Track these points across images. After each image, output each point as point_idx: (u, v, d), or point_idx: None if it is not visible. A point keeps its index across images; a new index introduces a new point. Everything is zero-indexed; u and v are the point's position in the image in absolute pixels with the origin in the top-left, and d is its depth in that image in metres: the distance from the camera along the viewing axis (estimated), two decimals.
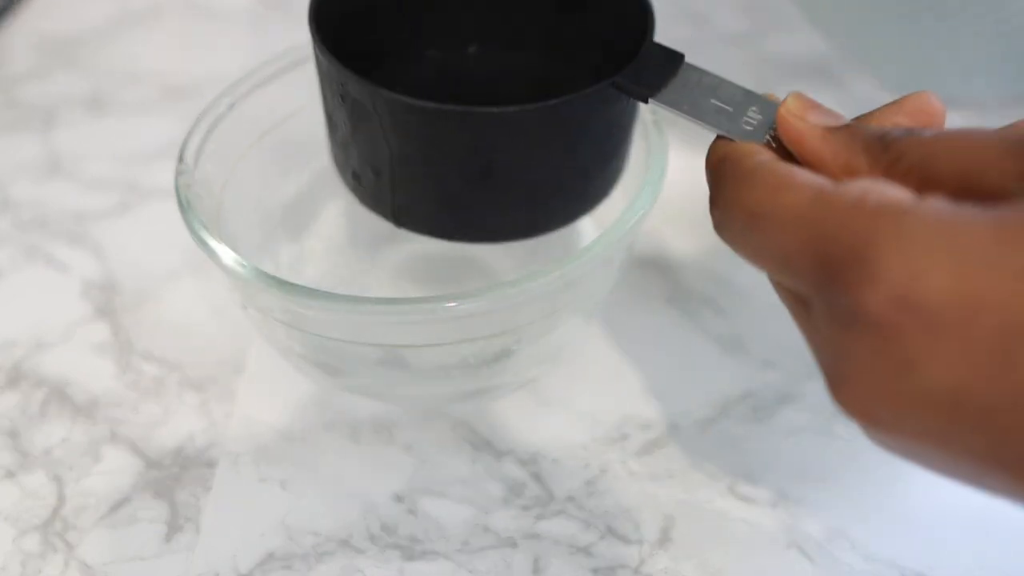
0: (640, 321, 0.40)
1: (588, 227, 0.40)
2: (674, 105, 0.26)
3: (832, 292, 0.19)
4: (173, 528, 0.33)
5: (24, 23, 0.60)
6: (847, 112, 0.23)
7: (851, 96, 0.50)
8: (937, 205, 0.19)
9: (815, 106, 0.23)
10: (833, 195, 0.20)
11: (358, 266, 0.40)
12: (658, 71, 0.27)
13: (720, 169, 0.24)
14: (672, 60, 0.27)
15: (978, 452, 0.18)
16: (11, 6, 0.61)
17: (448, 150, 0.28)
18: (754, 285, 0.41)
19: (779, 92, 0.24)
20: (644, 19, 0.29)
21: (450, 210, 0.29)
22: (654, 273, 0.41)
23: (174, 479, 0.35)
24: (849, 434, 0.35)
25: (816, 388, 0.37)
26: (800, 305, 0.22)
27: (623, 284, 0.41)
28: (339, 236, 0.41)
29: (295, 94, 0.38)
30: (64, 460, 0.36)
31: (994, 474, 0.18)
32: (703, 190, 0.25)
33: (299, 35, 0.38)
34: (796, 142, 0.23)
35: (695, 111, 0.26)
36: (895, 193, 0.19)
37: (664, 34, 0.31)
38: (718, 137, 0.25)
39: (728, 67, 0.51)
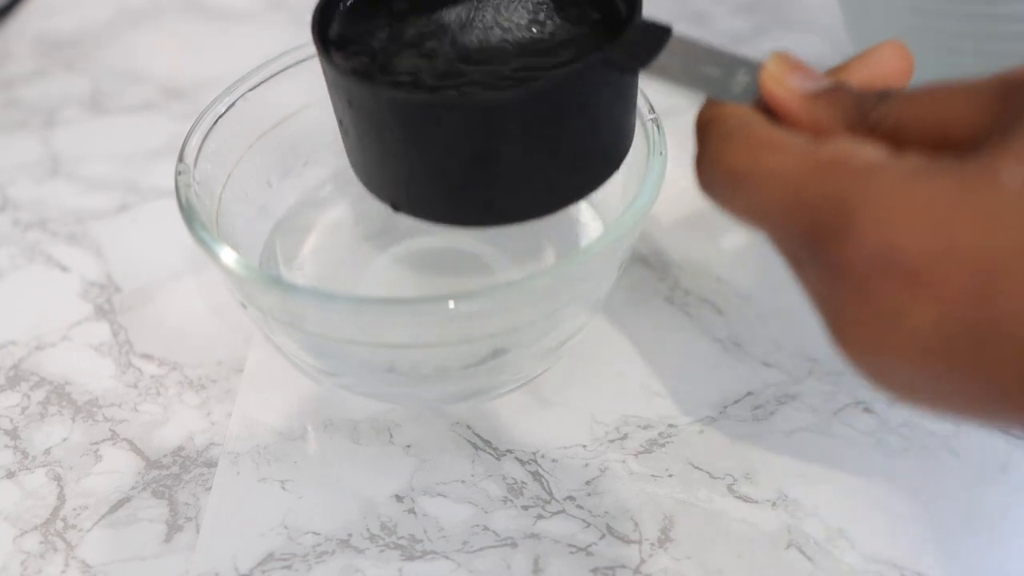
0: (640, 321, 0.40)
1: (588, 227, 0.40)
2: (664, 75, 0.27)
3: (816, 250, 0.20)
4: (173, 528, 0.33)
5: (24, 23, 0.60)
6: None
7: None
8: (910, 161, 0.20)
9: (795, 68, 0.24)
10: (813, 155, 0.21)
11: (358, 266, 0.40)
12: (647, 43, 0.27)
13: (706, 129, 0.24)
14: (661, 32, 0.27)
15: (972, 389, 0.19)
16: (11, 6, 0.61)
17: (447, 138, 0.28)
18: (754, 285, 0.41)
19: None
20: None
21: (459, 196, 0.29)
22: (654, 273, 0.41)
23: (174, 479, 0.35)
24: (849, 434, 0.35)
25: (816, 388, 0.37)
26: (793, 259, 0.22)
27: (623, 284, 0.41)
28: (339, 236, 0.41)
29: (295, 94, 0.38)
30: (64, 460, 0.36)
31: (990, 407, 0.19)
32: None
33: (299, 35, 0.38)
34: (777, 108, 0.23)
35: (685, 79, 0.26)
36: (872, 152, 0.20)
37: None
38: (707, 100, 0.25)
39: None
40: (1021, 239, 0.18)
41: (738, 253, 0.42)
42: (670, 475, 0.34)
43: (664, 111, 0.35)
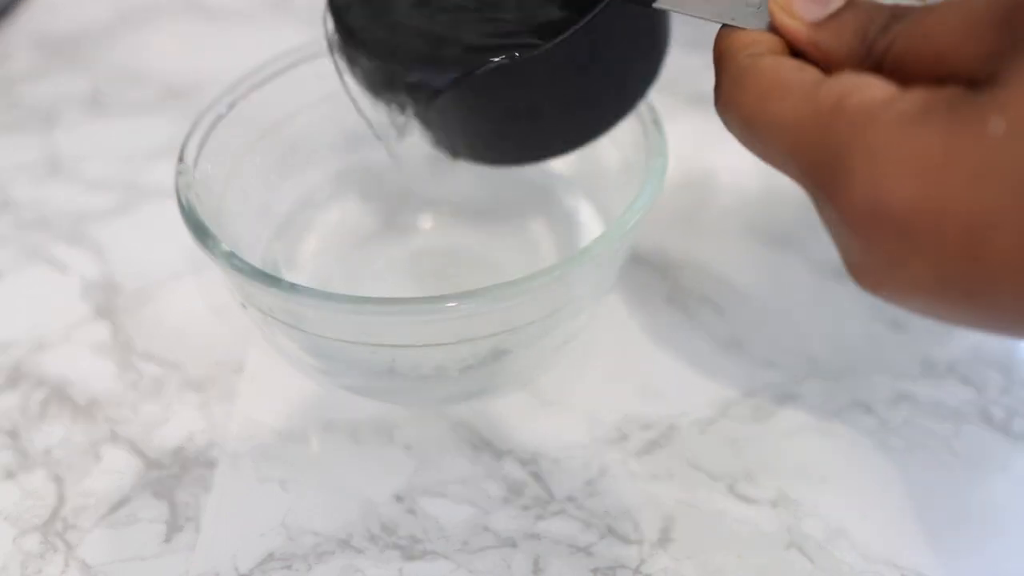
0: (640, 321, 0.40)
1: (588, 227, 0.40)
2: (676, 5, 0.27)
3: (822, 196, 0.21)
4: (173, 528, 0.33)
5: (24, 23, 0.60)
6: None
7: None
8: (905, 104, 0.20)
9: None
10: (813, 99, 0.21)
11: (358, 266, 0.40)
12: None
13: (720, 65, 0.24)
14: None
15: (978, 320, 0.20)
16: (11, 6, 0.61)
17: (472, 110, 0.29)
18: (754, 285, 0.41)
19: None
20: None
21: (509, 143, 0.31)
22: (654, 273, 0.41)
23: (174, 479, 0.35)
24: (849, 434, 0.35)
25: (816, 388, 0.37)
26: (811, 198, 0.22)
27: (623, 284, 0.41)
28: (339, 236, 0.41)
29: (295, 94, 0.38)
30: (64, 460, 0.36)
31: (999, 331, 0.20)
32: (703, 190, 0.26)
33: (299, 35, 0.38)
34: (788, 38, 0.24)
35: (699, 7, 0.26)
36: (872, 93, 0.20)
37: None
38: (723, 27, 0.25)
39: None
40: (1006, 194, 0.18)
41: (738, 253, 0.42)
42: (670, 475, 0.34)
43: (664, 111, 0.35)
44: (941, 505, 0.33)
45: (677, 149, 0.36)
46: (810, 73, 0.22)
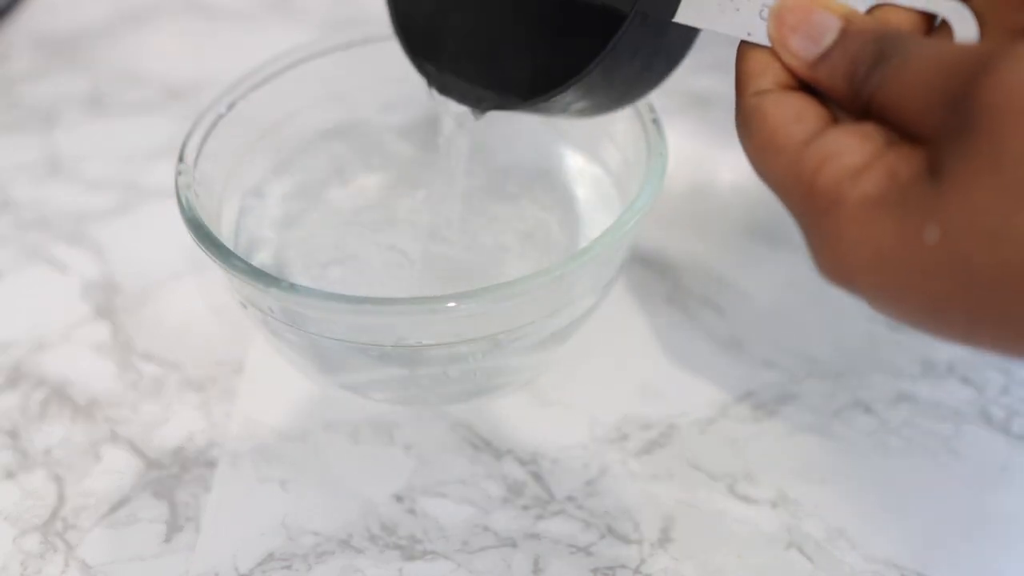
0: (640, 321, 0.40)
1: (589, 226, 0.40)
2: (694, 21, 0.27)
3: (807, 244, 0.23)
4: (173, 528, 0.33)
5: (24, 23, 0.60)
6: None
7: None
8: (869, 186, 0.21)
9: (795, 29, 0.24)
10: (799, 166, 0.22)
11: (358, 265, 0.40)
12: None
13: (736, 93, 0.25)
14: None
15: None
16: (11, 6, 0.61)
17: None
18: (754, 285, 0.41)
19: None
20: None
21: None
22: (654, 273, 0.41)
23: (174, 479, 0.35)
24: (849, 434, 0.35)
25: (816, 388, 0.37)
26: None
27: (623, 284, 0.41)
28: (340, 235, 0.41)
29: (295, 94, 0.38)
30: (64, 460, 0.36)
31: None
32: (703, 190, 0.26)
33: (299, 35, 0.38)
34: (789, 68, 0.24)
35: (714, 20, 0.26)
36: (846, 161, 0.21)
37: None
38: (741, 43, 0.26)
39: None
40: (954, 290, 0.20)
41: (738, 253, 0.42)
42: (670, 475, 0.34)
43: (664, 111, 0.35)
44: (941, 505, 0.33)
45: (677, 149, 0.36)
46: (805, 125, 0.23)
